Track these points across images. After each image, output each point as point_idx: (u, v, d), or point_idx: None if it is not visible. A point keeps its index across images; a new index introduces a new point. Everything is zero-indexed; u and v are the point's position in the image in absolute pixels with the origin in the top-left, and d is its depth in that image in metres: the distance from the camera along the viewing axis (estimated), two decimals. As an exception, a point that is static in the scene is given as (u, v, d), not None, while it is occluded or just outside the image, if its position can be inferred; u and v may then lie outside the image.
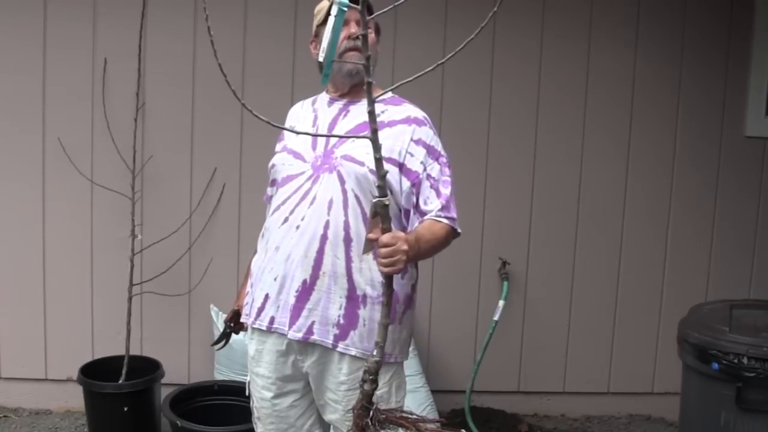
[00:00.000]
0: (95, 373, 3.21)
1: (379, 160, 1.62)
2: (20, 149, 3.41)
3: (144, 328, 3.49)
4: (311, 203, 1.99)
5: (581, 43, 3.57)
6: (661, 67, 3.61)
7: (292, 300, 1.99)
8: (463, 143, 3.47)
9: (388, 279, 1.75)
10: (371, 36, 2.07)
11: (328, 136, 2.04)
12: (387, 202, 1.69)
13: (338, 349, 1.99)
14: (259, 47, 3.44)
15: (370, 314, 1.97)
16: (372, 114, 1.58)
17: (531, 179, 3.64)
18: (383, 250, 1.74)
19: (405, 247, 1.76)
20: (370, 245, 1.81)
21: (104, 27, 3.38)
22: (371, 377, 1.71)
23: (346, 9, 1.76)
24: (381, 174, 1.64)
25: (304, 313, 1.98)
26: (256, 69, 3.44)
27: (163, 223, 3.41)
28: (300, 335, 1.99)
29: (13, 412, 3.50)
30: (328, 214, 1.97)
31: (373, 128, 1.60)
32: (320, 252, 1.96)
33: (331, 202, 1.97)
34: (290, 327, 2.00)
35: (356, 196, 1.97)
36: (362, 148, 1.95)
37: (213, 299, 3.49)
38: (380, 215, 1.72)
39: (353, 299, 1.97)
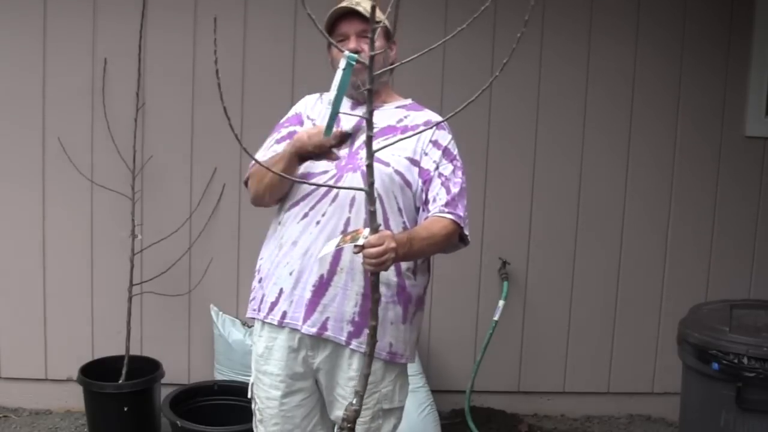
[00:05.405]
0: (95, 373, 3.21)
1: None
2: (20, 149, 3.41)
3: (144, 328, 3.48)
4: (333, 200, 1.99)
5: (581, 43, 3.57)
6: (660, 67, 3.61)
7: (308, 295, 1.99)
8: (463, 143, 3.43)
9: (375, 299, 1.73)
10: (377, 44, 2.08)
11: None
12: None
13: (351, 347, 1.99)
14: (259, 45, 3.44)
15: (383, 314, 1.96)
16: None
17: (531, 179, 3.64)
18: (372, 251, 1.73)
19: (393, 244, 1.76)
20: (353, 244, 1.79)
21: (104, 26, 3.37)
22: (349, 425, 1.71)
23: (354, 63, 1.75)
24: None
25: (319, 308, 1.98)
26: (256, 67, 3.44)
27: (163, 223, 3.41)
28: (314, 330, 1.99)
29: (13, 412, 3.50)
30: (350, 211, 1.98)
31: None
32: (339, 248, 1.96)
33: (353, 200, 1.98)
34: (304, 322, 1.99)
35: (379, 196, 1.96)
36: (388, 150, 1.96)
37: (213, 299, 3.49)
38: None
39: (369, 297, 1.96)
